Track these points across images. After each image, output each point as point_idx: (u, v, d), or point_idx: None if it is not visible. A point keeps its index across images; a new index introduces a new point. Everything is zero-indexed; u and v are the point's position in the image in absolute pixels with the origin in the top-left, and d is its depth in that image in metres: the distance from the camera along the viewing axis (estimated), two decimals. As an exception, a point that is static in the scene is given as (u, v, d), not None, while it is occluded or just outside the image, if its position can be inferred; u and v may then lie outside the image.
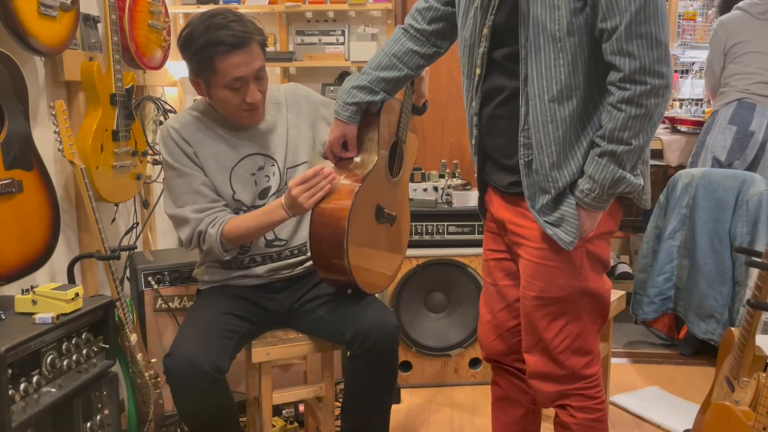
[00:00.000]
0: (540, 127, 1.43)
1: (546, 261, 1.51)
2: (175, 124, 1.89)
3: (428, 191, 2.86)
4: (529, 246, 1.53)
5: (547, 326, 1.55)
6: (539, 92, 1.41)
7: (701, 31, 4.14)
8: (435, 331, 2.81)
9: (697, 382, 2.86)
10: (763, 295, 1.69)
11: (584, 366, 1.57)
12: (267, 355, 1.91)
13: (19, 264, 1.82)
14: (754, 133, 3.12)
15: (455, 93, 3.51)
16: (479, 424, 2.53)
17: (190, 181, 1.87)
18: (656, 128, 1.39)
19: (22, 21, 1.84)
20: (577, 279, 1.51)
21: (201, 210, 1.86)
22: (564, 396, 1.59)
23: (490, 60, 1.50)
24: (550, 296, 1.52)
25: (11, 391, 1.51)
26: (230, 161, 1.91)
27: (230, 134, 1.91)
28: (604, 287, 1.57)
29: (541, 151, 1.44)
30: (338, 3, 3.27)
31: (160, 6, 2.66)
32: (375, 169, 1.83)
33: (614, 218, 1.56)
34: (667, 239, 3.01)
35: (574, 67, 1.38)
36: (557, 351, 1.55)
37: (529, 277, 1.54)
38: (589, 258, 1.51)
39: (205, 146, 1.89)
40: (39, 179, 1.89)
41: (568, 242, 1.47)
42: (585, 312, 1.54)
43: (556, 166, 1.44)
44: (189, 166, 1.87)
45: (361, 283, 1.84)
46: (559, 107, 1.40)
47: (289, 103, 2.00)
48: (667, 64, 1.34)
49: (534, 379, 1.62)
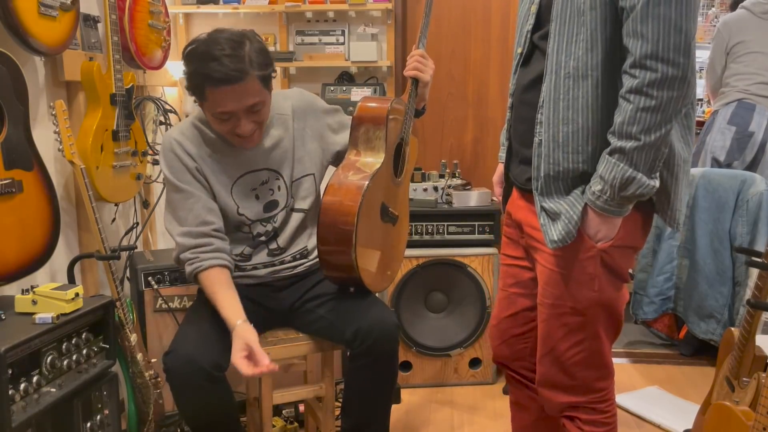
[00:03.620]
0: (551, 103, 1.35)
1: (560, 269, 1.43)
2: (178, 137, 1.84)
3: (428, 191, 2.86)
4: (545, 252, 1.45)
5: (562, 337, 1.47)
6: (556, 67, 1.34)
7: (701, 31, 4.14)
8: (435, 331, 2.81)
9: (697, 382, 2.86)
10: (763, 295, 1.69)
11: (596, 379, 1.51)
12: (267, 355, 1.91)
13: (19, 264, 1.82)
14: (753, 133, 3.12)
15: (455, 93, 3.51)
16: (479, 423, 2.53)
17: (185, 198, 1.82)
18: (670, 125, 1.25)
19: (22, 21, 1.84)
20: (592, 289, 1.41)
21: (189, 235, 1.81)
22: (573, 408, 1.53)
23: (532, 42, 1.45)
24: (566, 306, 1.44)
25: (11, 391, 1.51)
26: (232, 176, 1.87)
27: (232, 149, 1.87)
28: (621, 300, 1.47)
29: (549, 128, 1.36)
30: (338, 3, 3.27)
31: (160, 6, 2.66)
32: (382, 167, 1.85)
33: (639, 233, 1.43)
34: (667, 239, 3.01)
35: (592, 44, 1.30)
36: (570, 363, 1.49)
37: (545, 284, 1.47)
38: (605, 269, 1.40)
39: (209, 160, 1.85)
40: (39, 179, 1.89)
41: (553, 240, 1.38)
42: (602, 327, 1.46)
43: (562, 147, 1.35)
44: (188, 182, 1.82)
45: (365, 278, 1.84)
46: (574, 85, 1.32)
47: (296, 114, 1.95)
48: (686, 54, 1.21)
49: (543, 387, 1.56)
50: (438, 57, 3.42)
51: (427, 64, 1.95)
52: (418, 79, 1.94)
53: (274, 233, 1.96)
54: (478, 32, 3.48)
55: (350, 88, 3.27)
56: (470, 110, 3.52)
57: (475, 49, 3.49)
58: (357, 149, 1.90)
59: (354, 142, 1.91)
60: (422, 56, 1.94)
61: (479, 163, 3.56)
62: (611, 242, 1.37)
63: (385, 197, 1.91)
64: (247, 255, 1.95)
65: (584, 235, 1.37)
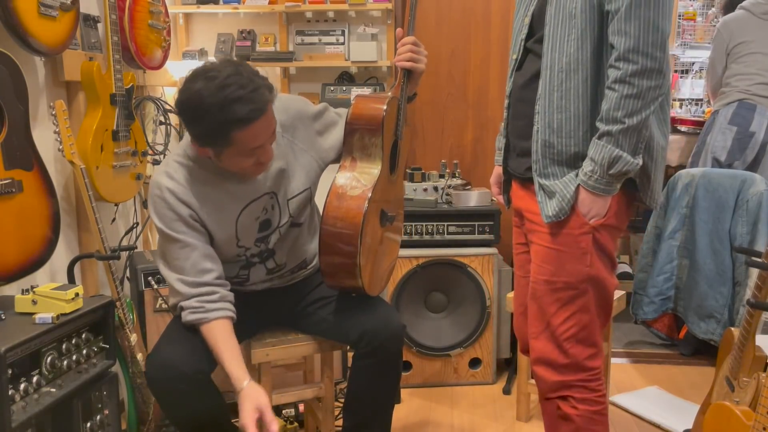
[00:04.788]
0: (547, 95, 1.54)
1: (556, 246, 1.57)
2: (169, 184, 1.68)
3: (428, 191, 2.86)
4: (542, 231, 1.59)
5: (555, 311, 1.59)
6: (551, 63, 1.52)
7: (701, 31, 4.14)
8: (435, 331, 2.81)
9: (697, 382, 2.86)
10: (763, 295, 1.69)
11: (588, 357, 1.61)
12: (266, 356, 1.91)
13: (19, 264, 1.82)
14: (754, 133, 3.12)
15: (455, 93, 3.51)
16: (479, 423, 2.53)
17: (180, 248, 1.69)
18: (649, 110, 1.44)
19: (22, 21, 1.84)
20: (584, 264, 1.55)
21: (189, 284, 1.69)
22: (566, 387, 1.62)
23: (526, 48, 1.63)
24: (560, 281, 1.57)
25: (11, 391, 1.51)
26: (234, 212, 1.76)
27: (229, 183, 1.74)
28: (611, 281, 1.61)
29: (545, 116, 1.54)
30: (338, 3, 3.27)
31: (160, 6, 2.66)
32: (380, 176, 1.80)
33: (621, 215, 1.59)
34: (667, 239, 3.01)
35: (582, 42, 1.48)
36: (563, 338, 1.59)
37: (541, 262, 1.60)
38: (597, 247, 1.56)
39: (206, 204, 1.71)
40: (39, 179, 1.89)
41: (548, 215, 1.55)
42: (592, 303, 1.59)
43: (556, 132, 1.53)
44: (182, 232, 1.69)
45: (367, 287, 1.83)
46: (566, 78, 1.50)
47: (284, 129, 1.80)
48: (662, 50, 1.41)
49: (538, 365, 1.65)
50: (438, 57, 3.42)
51: (421, 52, 1.83)
52: (413, 70, 1.83)
53: (268, 253, 1.89)
54: (478, 32, 3.47)
55: (350, 88, 3.27)
56: (470, 110, 3.52)
57: (475, 49, 3.49)
58: (353, 156, 1.83)
59: (349, 149, 1.83)
60: (414, 44, 1.81)
61: (479, 163, 3.56)
62: (603, 220, 1.54)
63: (383, 203, 1.87)
64: (244, 277, 1.89)
65: (578, 213, 1.54)
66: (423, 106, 3.51)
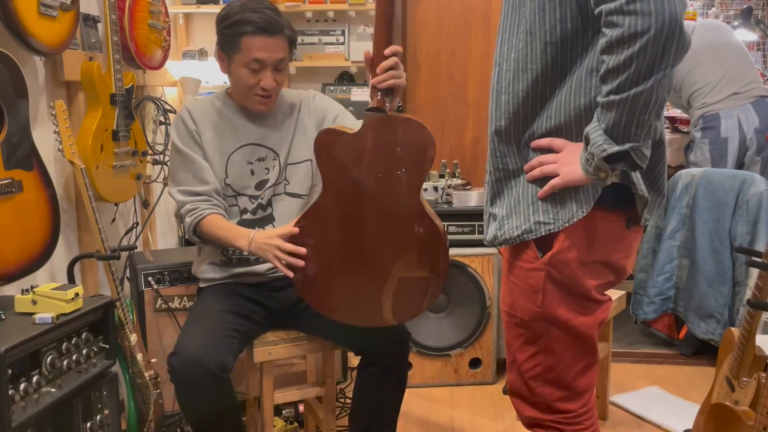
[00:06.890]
0: (494, 96, 1.31)
1: (509, 275, 1.36)
2: (190, 106, 1.99)
3: (428, 191, 2.86)
4: (504, 257, 1.39)
5: (519, 347, 1.38)
6: (500, 59, 1.31)
7: (701, 31, 4.13)
8: (435, 331, 2.80)
9: (697, 382, 2.86)
10: (763, 295, 1.69)
11: (558, 399, 1.36)
12: (269, 355, 1.91)
13: (19, 264, 1.82)
14: (726, 138, 3.16)
15: (455, 93, 3.51)
16: (479, 424, 2.53)
17: (185, 160, 1.93)
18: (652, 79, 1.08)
19: (22, 21, 1.83)
20: (535, 303, 1.30)
21: (187, 193, 1.92)
22: (538, 425, 1.40)
23: None
24: (516, 315, 1.36)
25: (11, 391, 1.51)
26: (230, 146, 1.95)
27: (238, 121, 1.97)
28: (582, 321, 1.31)
29: (492, 122, 1.31)
30: (338, 3, 3.27)
31: (160, 6, 2.66)
32: None
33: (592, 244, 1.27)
34: (667, 239, 3.02)
35: (531, 36, 1.23)
36: (528, 376, 1.38)
37: (502, 290, 1.42)
38: (554, 285, 1.28)
39: (209, 127, 1.95)
40: (39, 179, 1.89)
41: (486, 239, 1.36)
42: (558, 346, 1.33)
43: (504, 140, 1.29)
44: (189, 146, 1.93)
45: None
46: (514, 79, 1.27)
47: (302, 106, 2.03)
48: None
49: (512, 395, 1.46)
50: (438, 57, 3.42)
51: (400, 66, 1.65)
52: (395, 87, 1.64)
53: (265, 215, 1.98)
54: (478, 32, 3.48)
55: (350, 88, 3.27)
56: (470, 110, 3.52)
57: (475, 49, 3.49)
58: None
59: None
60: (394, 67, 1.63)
61: (479, 163, 3.56)
62: (565, 252, 1.26)
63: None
64: None
65: (531, 246, 1.29)
66: (423, 106, 3.51)
